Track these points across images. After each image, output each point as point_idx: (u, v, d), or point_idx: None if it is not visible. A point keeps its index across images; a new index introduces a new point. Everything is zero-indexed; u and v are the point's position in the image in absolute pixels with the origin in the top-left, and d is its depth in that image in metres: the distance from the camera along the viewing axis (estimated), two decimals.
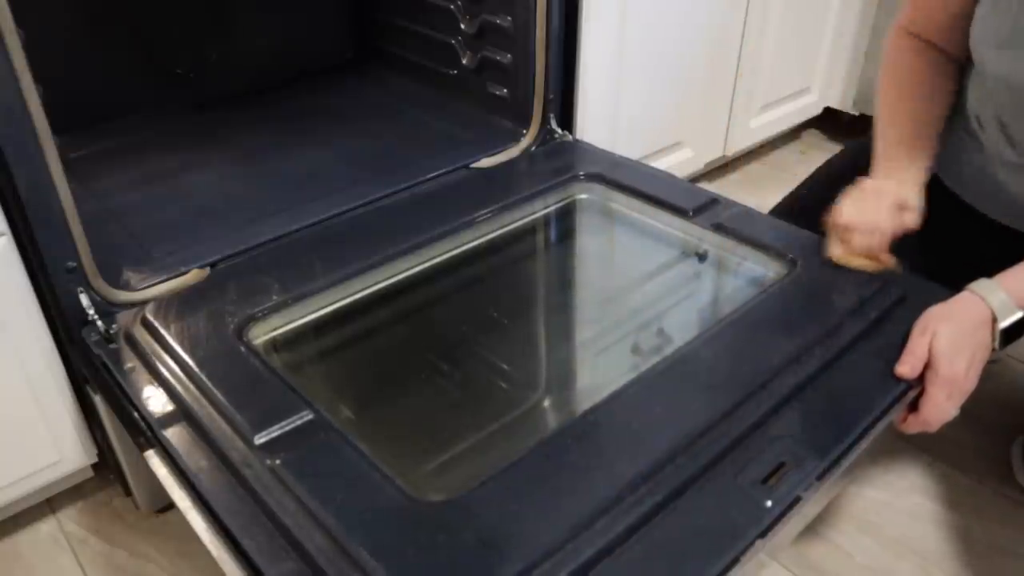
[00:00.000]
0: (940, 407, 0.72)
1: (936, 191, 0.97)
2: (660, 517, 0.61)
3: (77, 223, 0.81)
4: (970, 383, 0.72)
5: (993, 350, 0.74)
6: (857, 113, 1.81)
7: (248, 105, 1.40)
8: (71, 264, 0.82)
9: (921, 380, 0.73)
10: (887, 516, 1.02)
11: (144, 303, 0.86)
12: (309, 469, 0.65)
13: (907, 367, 0.73)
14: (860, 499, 1.04)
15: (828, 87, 1.80)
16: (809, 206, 1.06)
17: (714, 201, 1.02)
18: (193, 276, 0.91)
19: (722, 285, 1.01)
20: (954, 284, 0.79)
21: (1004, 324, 0.73)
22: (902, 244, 0.91)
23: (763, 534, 0.60)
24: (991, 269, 0.77)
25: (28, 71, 0.73)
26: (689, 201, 1.02)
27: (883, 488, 1.06)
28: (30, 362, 0.87)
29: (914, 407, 0.74)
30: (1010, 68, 0.83)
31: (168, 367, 0.77)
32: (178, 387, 0.75)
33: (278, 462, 0.66)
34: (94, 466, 1.02)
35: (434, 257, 0.99)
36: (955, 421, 0.74)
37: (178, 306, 0.86)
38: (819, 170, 1.10)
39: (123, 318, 0.85)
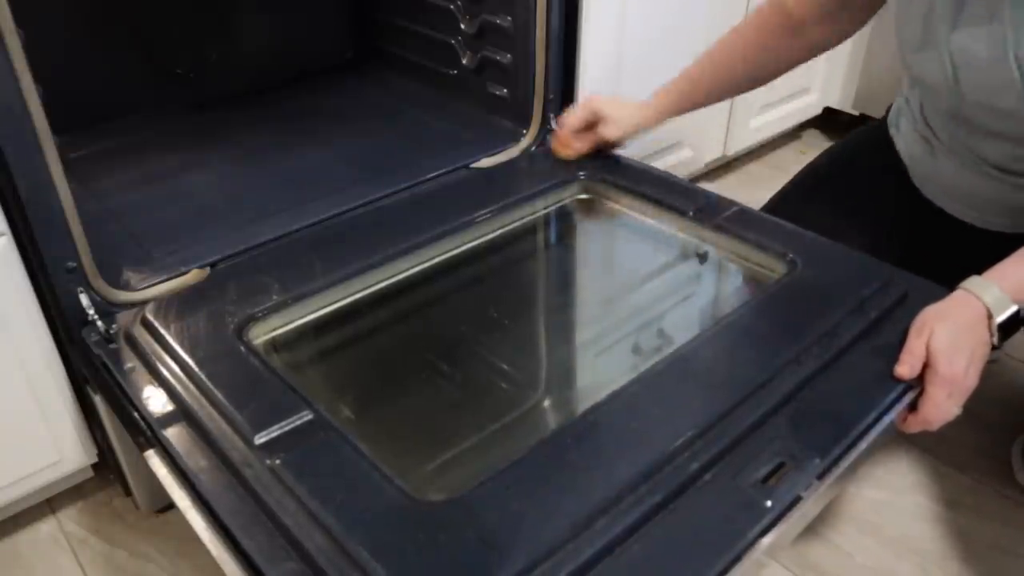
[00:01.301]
0: (940, 406, 0.72)
1: (912, 199, 0.98)
2: (660, 517, 0.61)
3: (77, 223, 0.81)
4: (971, 381, 0.72)
5: (993, 346, 0.74)
6: (857, 113, 1.81)
7: (248, 105, 1.39)
8: (71, 264, 0.82)
9: (921, 380, 0.73)
10: (887, 516, 1.02)
11: (144, 303, 0.86)
12: (309, 469, 0.65)
13: (906, 367, 0.73)
14: (860, 499, 1.04)
15: (828, 87, 1.80)
16: (796, 204, 1.06)
17: (714, 201, 1.02)
18: (193, 276, 0.91)
19: (722, 285, 1.01)
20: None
21: (1000, 319, 0.73)
22: (886, 252, 0.91)
23: (763, 534, 0.60)
24: (973, 270, 0.77)
25: (28, 71, 0.72)
26: (689, 201, 1.03)
27: (883, 488, 1.06)
28: (30, 362, 0.87)
29: (915, 407, 0.74)
30: (927, 70, 0.84)
31: (168, 367, 0.77)
32: (178, 387, 0.75)
33: (278, 462, 0.66)
34: (94, 466, 1.02)
35: (434, 257, 0.99)
36: (955, 421, 0.73)
37: (178, 306, 0.86)
38: (805, 168, 1.11)
39: (123, 318, 0.85)
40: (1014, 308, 0.73)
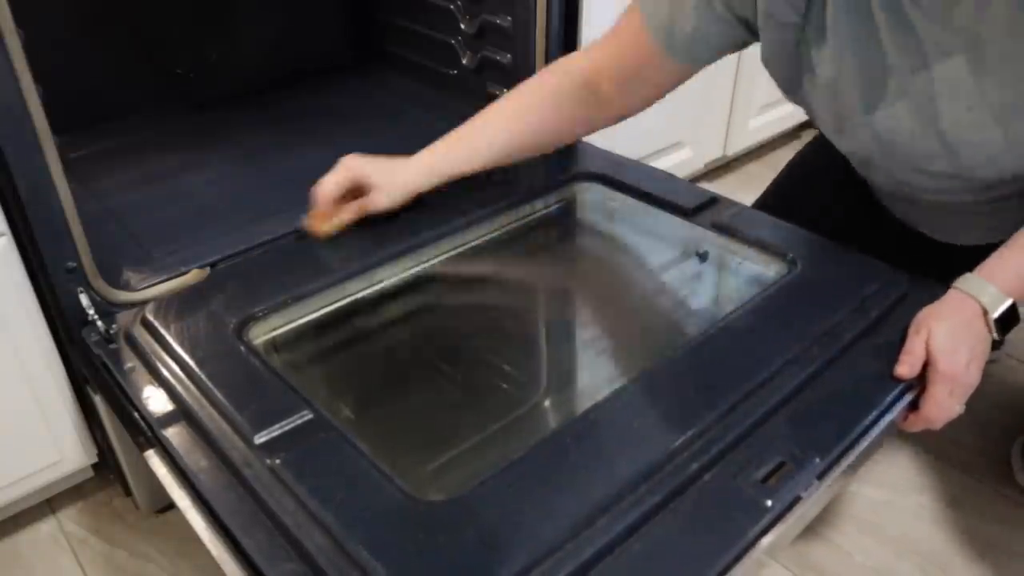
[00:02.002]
0: (942, 404, 0.72)
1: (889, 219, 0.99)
2: (660, 516, 0.61)
3: (77, 223, 0.81)
4: (972, 378, 0.72)
5: (995, 342, 0.74)
6: None
7: (248, 105, 1.40)
8: (71, 264, 0.82)
9: (922, 379, 0.73)
10: (887, 516, 1.02)
11: (144, 303, 0.86)
12: (309, 469, 0.65)
13: (905, 367, 0.73)
14: (860, 499, 1.04)
15: None
16: (787, 200, 1.06)
17: (714, 201, 1.02)
18: (193, 276, 0.91)
19: (722, 285, 1.01)
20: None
21: (996, 314, 0.73)
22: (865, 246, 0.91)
23: (763, 534, 0.60)
24: (953, 269, 0.77)
25: (28, 71, 0.72)
26: (689, 201, 1.02)
27: (883, 487, 1.06)
28: (30, 362, 0.87)
29: (917, 406, 0.74)
30: (852, 146, 0.86)
31: (168, 367, 0.77)
32: (178, 387, 0.75)
33: (278, 462, 0.66)
34: (94, 466, 1.02)
35: (434, 257, 0.99)
36: (956, 420, 0.73)
37: (178, 306, 0.86)
38: (790, 163, 1.11)
39: (123, 318, 0.85)
40: (1009, 302, 0.73)
